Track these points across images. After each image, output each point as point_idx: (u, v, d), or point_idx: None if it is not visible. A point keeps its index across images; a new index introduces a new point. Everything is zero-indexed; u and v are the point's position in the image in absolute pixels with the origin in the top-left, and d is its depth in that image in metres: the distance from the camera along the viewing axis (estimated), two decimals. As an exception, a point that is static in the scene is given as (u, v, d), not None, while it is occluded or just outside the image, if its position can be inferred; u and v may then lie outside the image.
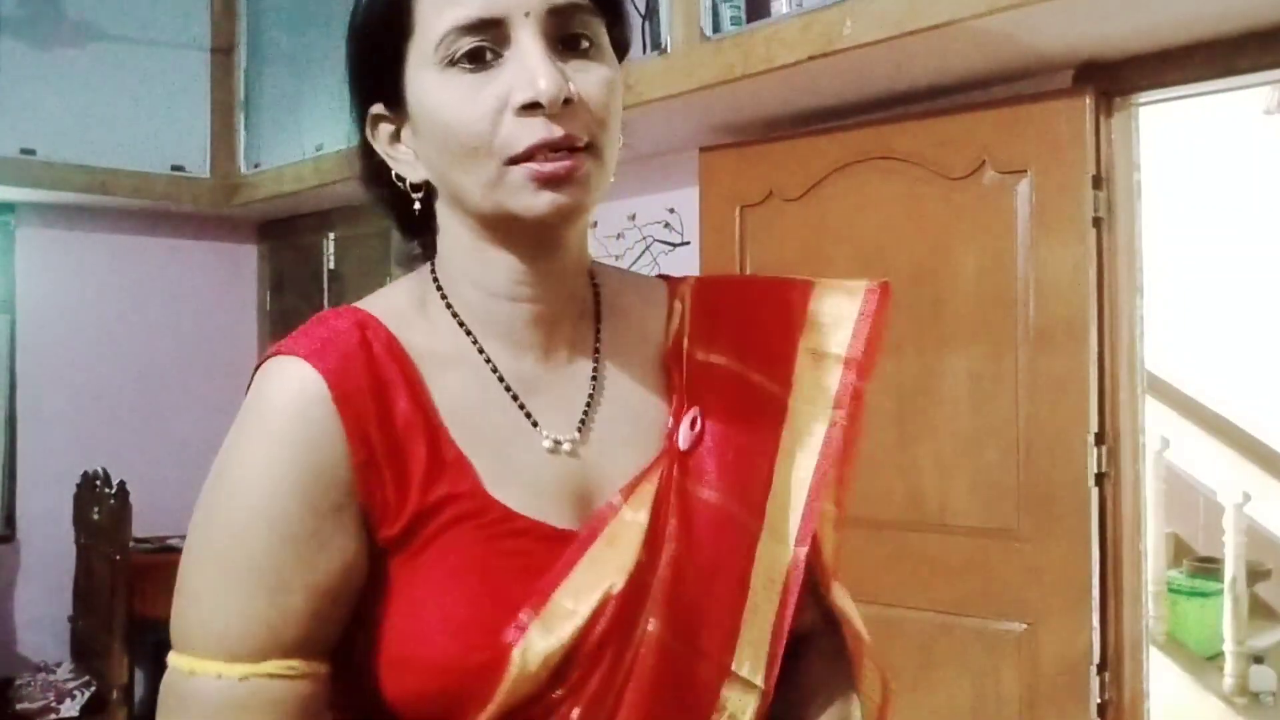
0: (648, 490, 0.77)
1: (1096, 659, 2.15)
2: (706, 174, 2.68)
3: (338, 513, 0.70)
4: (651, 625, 0.74)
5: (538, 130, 0.69)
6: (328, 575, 0.70)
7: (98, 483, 3.49)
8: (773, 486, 0.81)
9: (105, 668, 3.33)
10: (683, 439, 0.79)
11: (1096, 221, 2.18)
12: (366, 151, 0.81)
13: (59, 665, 3.59)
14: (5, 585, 3.93)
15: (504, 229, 0.75)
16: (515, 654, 0.70)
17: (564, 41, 0.72)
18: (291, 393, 0.71)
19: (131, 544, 3.38)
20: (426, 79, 0.72)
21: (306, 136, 3.67)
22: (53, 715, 3.28)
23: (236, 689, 0.68)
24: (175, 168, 3.92)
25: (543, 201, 0.71)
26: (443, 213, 0.79)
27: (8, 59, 3.61)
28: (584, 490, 0.77)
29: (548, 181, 0.70)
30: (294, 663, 0.69)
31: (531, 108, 0.69)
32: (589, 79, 0.72)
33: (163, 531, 4.06)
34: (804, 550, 0.80)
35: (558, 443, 0.77)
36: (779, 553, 0.80)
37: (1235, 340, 4.32)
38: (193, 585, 0.71)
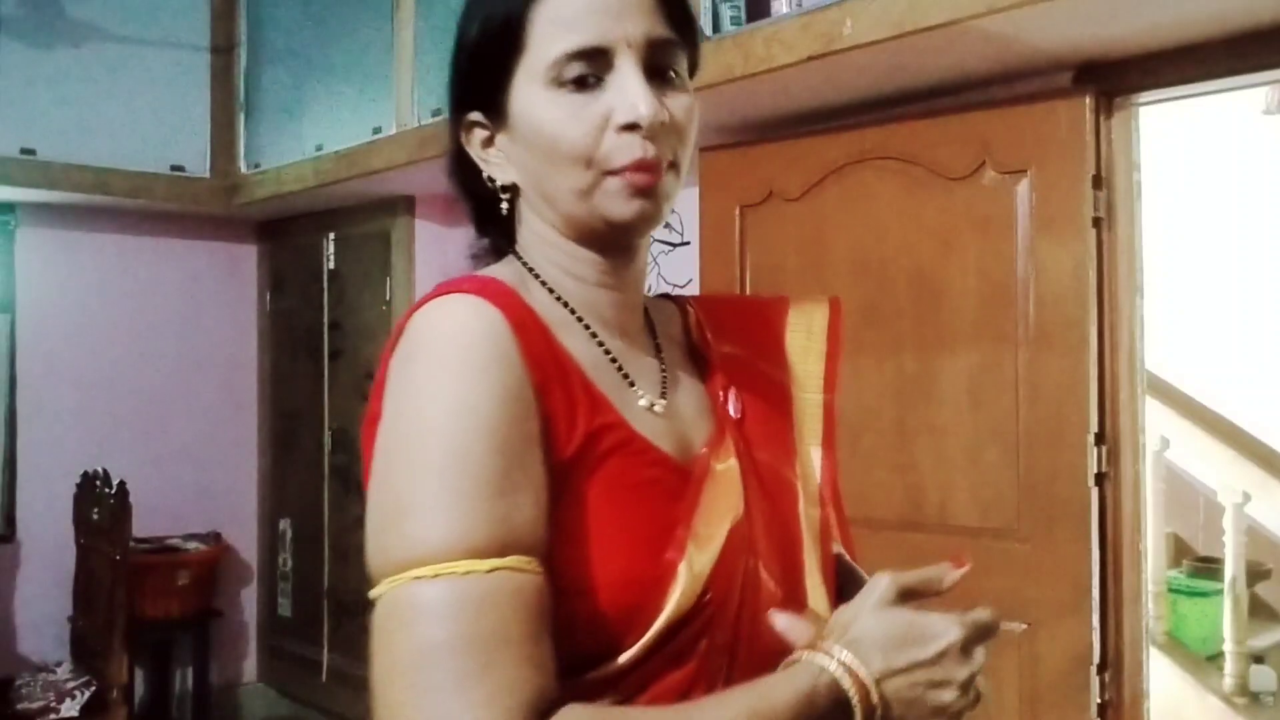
0: (729, 446, 0.89)
1: (1096, 659, 2.15)
2: (706, 174, 2.68)
3: (529, 424, 0.75)
4: (752, 563, 0.85)
5: (635, 149, 0.80)
6: (541, 479, 0.74)
7: (98, 483, 3.48)
8: (797, 452, 0.95)
9: (105, 668, 3.33)
10: (732, 409, 0.92)
11: (1096, 221, 2.18)
12: (458, 152, 0.90)
13: (59, 665, 3.59)
14: (5, 585, 3.93)
15: (590, 230, 0.85)
16: (681, 568, 0.79)
17: (655, 72, 0.83)
18: (476, 319, 0.76)
19: (131, 544, 3.38)
20: (534, 95, 0.82)
21: (306, 136, 3.67)
22: (53, 715, 3.28)
23: (484, 582, 0.68)
24: (175, 168, 3.92)
25: (632, 209, 0.82)
26: (528, 212, 0.89)
27: (8, 59, 3.61)
28: (680, 442, 0.88)
29: (638, 192, 0.82)
30: (531, 559, 0.71)
31: (631, 127, 0.80)
32: (676, 105, 0.83)
33: (163, 531, 4.07)
34: (825, 512, 0.95)
35: (651, 404, 0.88)
36: (811, 512, 0.94)
37: (1235, 340, 4.32)
38: (412, 502, 0.70)
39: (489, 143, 0.88)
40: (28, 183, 3.66)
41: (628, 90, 0.80)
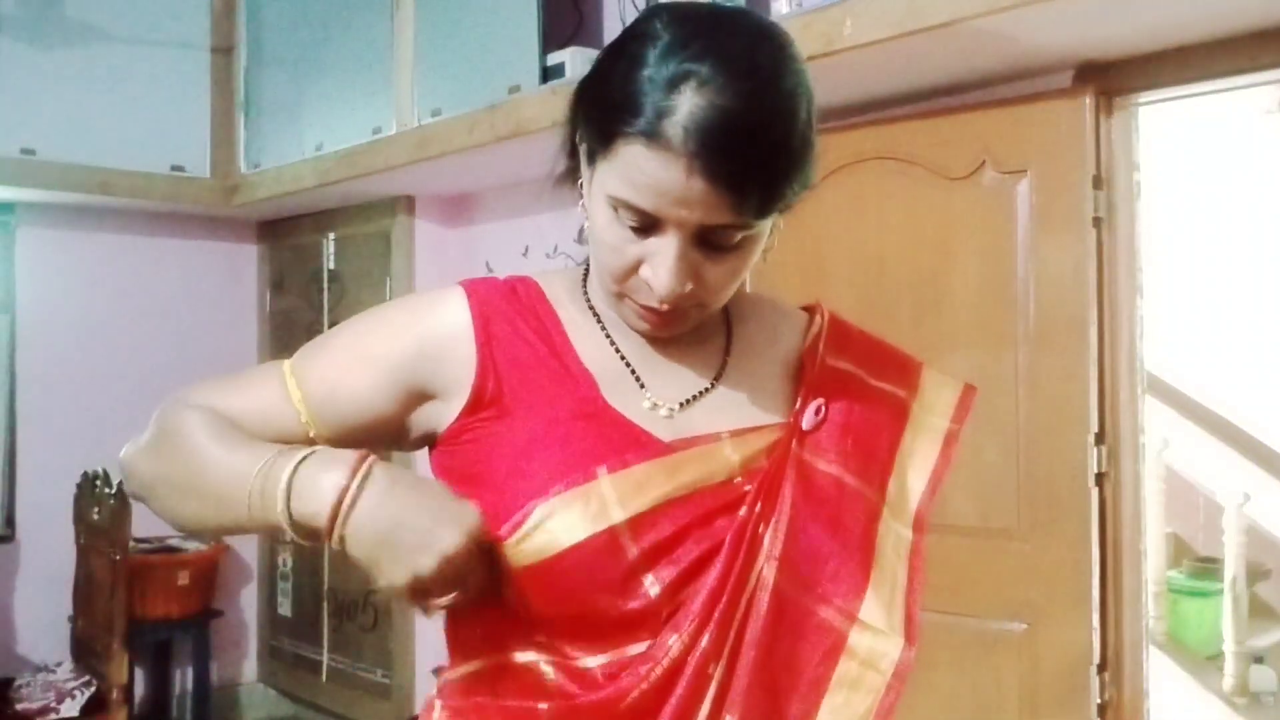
0: (756, 440, 0.91)
1: (1096, 659, 2.15)
2: (706, 174, 2.67)
3: (406, 386, 0.91)
4: (767, 570, 0.86)
5: (652, 299, 0.86)
6: (357, 396, 0.92)
7: (98, 483, 3.48)
8: (894, 471, 0.96)
9: (105, 668, 3.33)
10: (807, 420, 0.93)
11: (1096, 221, 2.18)
12: (571, 149, 0.93)
13: (59, 665, 3.59)
14: (5, 585, 3.93)
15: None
16: (602, 477, 0.84)
17: (715, 239, 0.84)
18: (441, 298, 0.94)
19: (131, 544, 3.38)
20: (601, 199, 0.86)
21: (306, 136, 3.67)
22: (53, 715, 3.28)
23: (280, 377, 0.94)
24: (175, 168, 3.92)
25: (645, 327, 0.91)
26: (592, 259, 0.95)
27: (8, 59, 3.61)
28: (675, 438, 0.90)
29: (652, 322, 0.89)
30: (302, 404, 0.92)
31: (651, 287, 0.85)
32: (720, 270, 0.86)
33: (163, 531, 4.06)
34: (920, 537, 0.96)
35: (656, 405, 0.91)
36: (901, 531, 0.95)
37: (1235, 340, 4.32)
38: (324, 336, 0.97)
39: (591, 162, 0.88)
40: (28, 183, 3.66)
41: (660, 258, 0.84)
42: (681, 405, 0.92)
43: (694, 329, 0.94)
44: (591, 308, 0.96)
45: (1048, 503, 2.20)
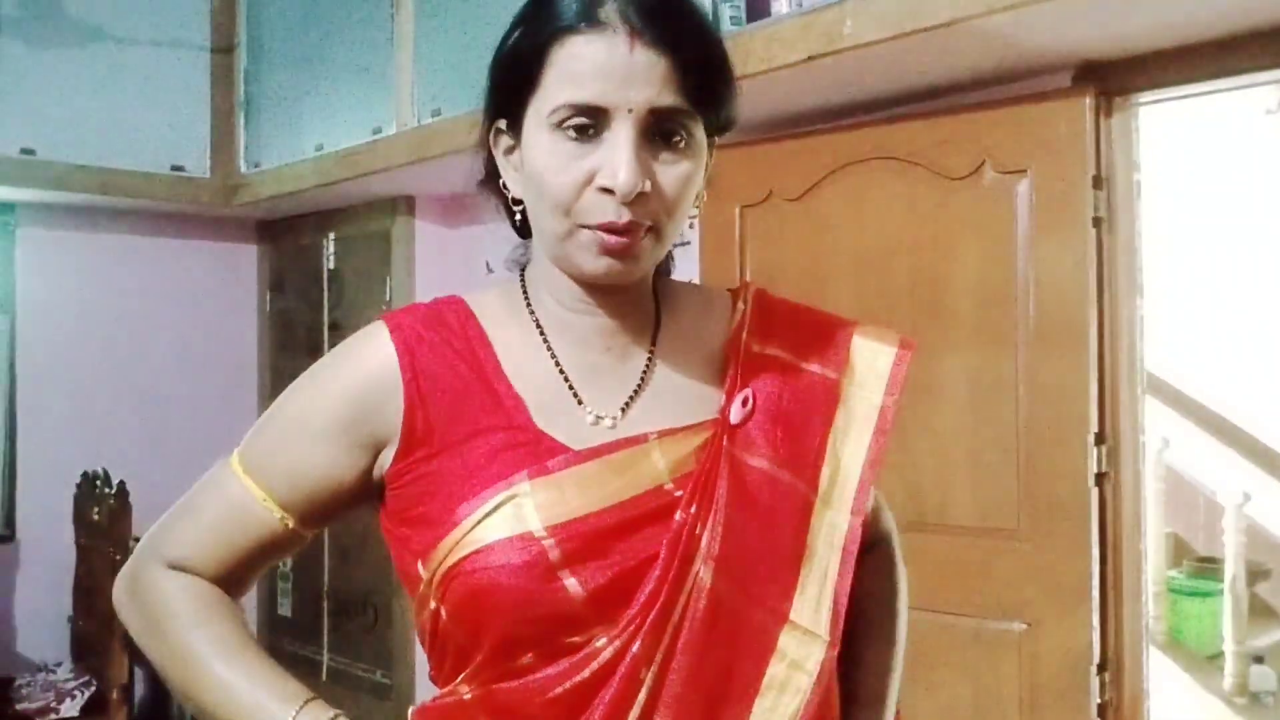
0: (685, 441, 0.90)
1: (1096, 659, 2.15)
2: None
3: (353, 438, 0.91)
4: (704, 573, 0.85)
5: (608, 211, 0.84)
6: (315, 465, 0.92)
7: (98, 483, 3.48)
8: (825, 458, 0.92)
9: (105, 668, 3.33)
10: (734, 414, 0.91)
11: (1096, 221, 2.18)
12: (488, 154, 0.94)
13: (59, 665, 3.59)
14: (5, 585, 3.93)
15: (566, 268, 0.90)
16: (522, 482, 0.85)
17: (661, 135, 0.84)
18: (364, 342, 0.93)
19: (131, 544, 3.38)
20: (539, 131, 0.85)
21: (306, 136, 3.67)
22: (53, 715, 3.28)
23: (231, 479, 0.96)
24: (175, 168, 3.92)
25: (599, 265, 0.86)
26: (534, 227, 0.92)
27: (8, 59, 3.61)
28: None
29: (608, 250, 0.85)
30: (267, 495, 0.93)
31: (608, 191, 0.83)
32: (671, 173, 0.85)
33: (163, 531, 4.06)
34: (859, 520, 0.91)
35: (599, 418, 0.91)
36: (837, 520, 0.91)
37: (1235, 340, 4.32)
38: (261, 418, 0.97)
39: (510, 151, 0.91)
40: (28, 183, 3.66)
41: (614, 155, 0.82)
42: (623, 411, 0.91)
43: (629, 323, 0.94)
44: (533, 314, 0.94)
45: (1048, 503, 2.20)
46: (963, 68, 2.25)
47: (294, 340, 4.32)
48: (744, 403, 0.92)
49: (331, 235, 4.12)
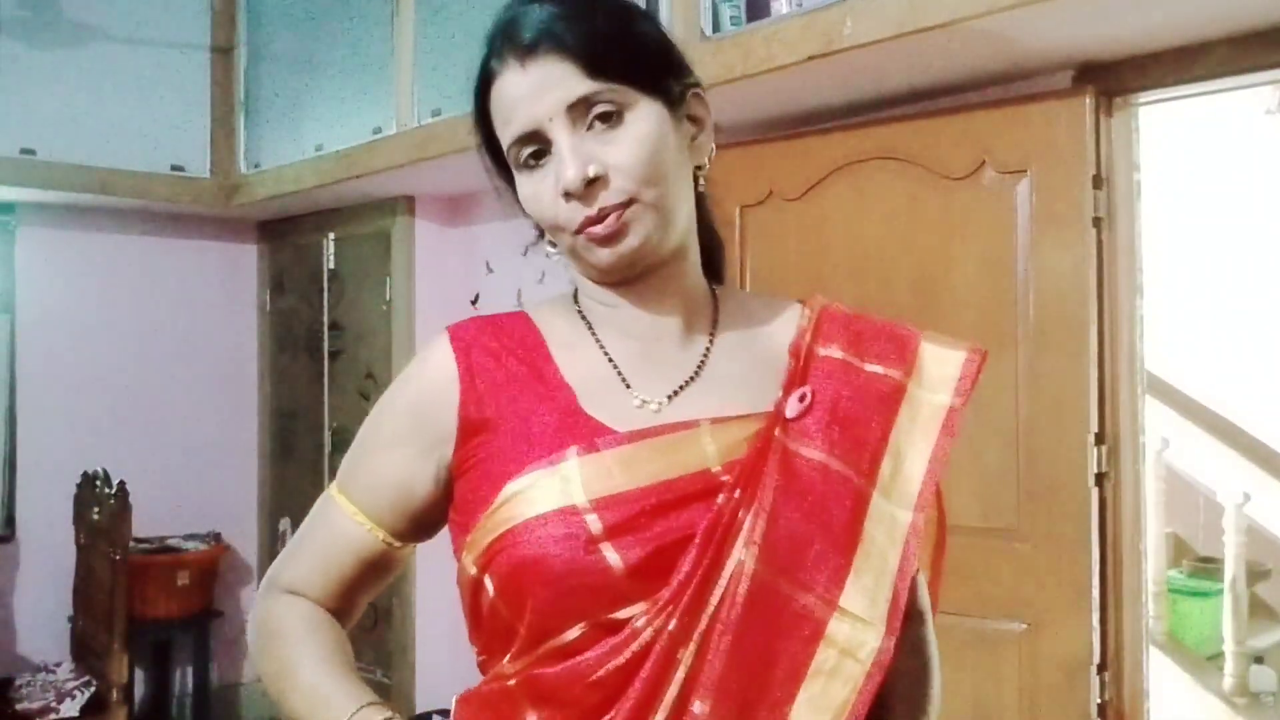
0: (737, 430, 0.92)
1: (1096, 659, 2.15)
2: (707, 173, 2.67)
3: (424, 440, 0.97)
4: (745, 555, 0.86)
5: (577, 212, 0.90)
6: (396, 472, 0.99)
7: (98, 483, 3.48)
8: (886, 453, 0.93)
9: (105, 668, 3.33)
10: (790, 408, 0.93)
11: (1096, 221, 2.18)
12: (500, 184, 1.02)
13: (59, 665, 3.59)
14: (5, 585, 3.93)
15: (588, 272, 0.97)
16: (571, 457, 0.88)
17: (599, 118, 0.89)
18: (426, 354, 1.00)
19: (131, 544, 3.38)
20: (515, 172, 0.95)
21: (306, 136, 3.67)
22: (53, 715, 3.28)
23: (329, 502, 1.04)
24: (175, 168, 3.92)
25: (603, 258, 0.92)
26: None
27: (8, 59, 3.61)
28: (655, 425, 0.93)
29: (600, 241, 0.90)
30: (357, 511, 1.01)
31: (566, 195, 0.89)
32: (617, 144, 0.89)
33: (163, 531, 4.07)
34: (921, 516, 0.92)
35: (645, 402, 0.94)
36: (898, 515, 0.91)
37: (1235, 340, 4.32)
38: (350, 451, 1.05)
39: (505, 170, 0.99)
40: (28, 183, 3.66)
41: (556, 163, 0.89)
42: (670, 398, 0.95)
43: (683, 320, 0.98)
44: (580, 311, 1.01)
45: (1048, 503, 2.20)
46: (963, 68, 2.25)
47: (294, 340, 4.32)
48: (801, 398, 0.93)
49: (331, 235, 4.12)
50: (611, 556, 0.86)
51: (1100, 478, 2.17)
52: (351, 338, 4.02)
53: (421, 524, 1.01)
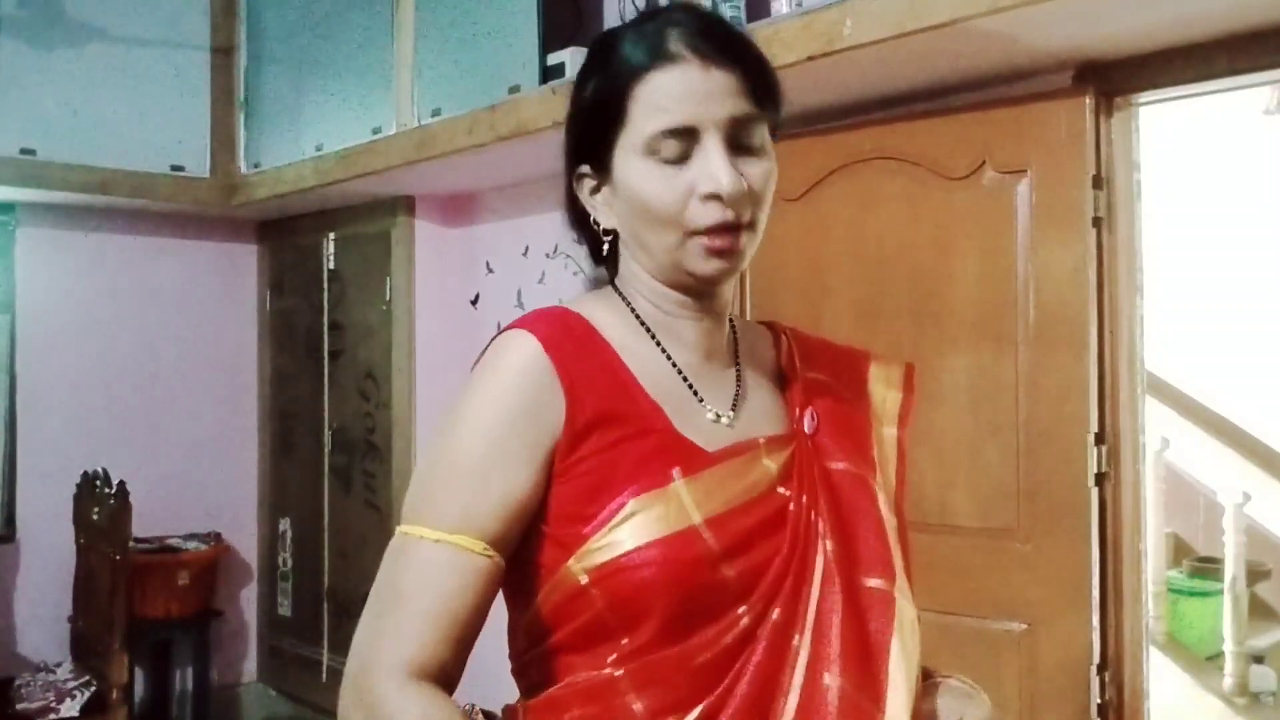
0: (781, 448, 1.01)
1: (1096, 659, 2.15)
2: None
3: (534, 448, 0.93)
4: (827, 553, 0.98)
5: (716, 214, 0.94)
6: (515, 487, 0.93)
7: (98, 483, 3.48)
8: (878, 469, 1.07)
9: (105, 668, 3.33)
10: (807, 424, 1.05)
11: (1096, 221, 2.18)
12: (572, 198, 1.05)
13: (59, 665, 3.59)
14: (5, 585, 3.93)
15: (676, 277, 1.00)
16: (676, 482, 0.93)
17: (740, 141, 0.96)
18: (516, 353, 0.96)
19: (131, 544, 3.38)
20: (632, 162, 0.96)
21: (306, 136, 3.67)
22: (53, 715, 3.28)
23: (432, 549, 0.92)
24: (175, 168, 3.92)
25: (710, 267, 0.97)
26: (625, 252, 1.04)
27: (8, 59, 3.61)
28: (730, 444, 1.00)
29: (716, 253, 0.96)
30: (478, 542, 0.92)
31: (714, 196, 0.94)
32: (756, 173, 0.97)
33: (163, 531, 4.07)
34: (903, 521, 1.08)
35: (719, 415, 1.01)
36: (891, 519, 1.05)
37: (1235, 340, 4.32)
38: (421, 478, 0.96)
39: (596, 190, 1.02)
40: (28, 183, 3.66)
41: (711, 165, 0.93)
42: (733, 409, 1.03)
43: (720, 330, 1.06)
44: (640, 319, 1.03)
45: (1048, 503, 2.20)
46: (963, 68, 2.25)
47: (294, 340, 4.32)
48: (811, 417, 1.05)
49: (331, 235, 4.12)
50: (729, 573, 0.93)
51: (1100, 477, 2.17)
52: (351, 337, 4.02)
53: (518, 539, 0.96)
